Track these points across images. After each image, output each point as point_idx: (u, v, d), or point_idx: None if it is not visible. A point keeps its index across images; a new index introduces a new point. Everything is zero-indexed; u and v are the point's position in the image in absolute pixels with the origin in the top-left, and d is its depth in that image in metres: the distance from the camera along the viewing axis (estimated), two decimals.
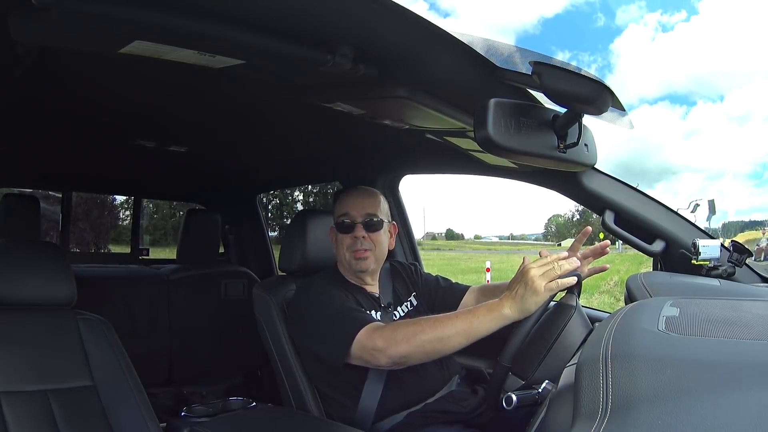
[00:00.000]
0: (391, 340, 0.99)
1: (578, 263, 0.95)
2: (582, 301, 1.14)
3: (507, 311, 0.93)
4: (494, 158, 1.19)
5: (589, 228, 1.10)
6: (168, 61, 0.81)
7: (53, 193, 2.63)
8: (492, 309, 0.94)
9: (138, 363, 1.20)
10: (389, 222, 1.25)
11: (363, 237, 1.18)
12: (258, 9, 0.69)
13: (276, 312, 1.24)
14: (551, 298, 0.93)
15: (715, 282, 1.04)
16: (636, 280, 1.02)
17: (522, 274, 0.94)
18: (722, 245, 1.10)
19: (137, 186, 2.41)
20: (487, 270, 10.87)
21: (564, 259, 0.95)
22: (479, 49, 0.81)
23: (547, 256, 0.95)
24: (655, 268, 1.21)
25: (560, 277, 0.92)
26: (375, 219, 1.20)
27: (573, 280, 0.93)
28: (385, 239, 1.23)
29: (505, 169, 1.31)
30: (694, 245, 1.10)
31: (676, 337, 0.53)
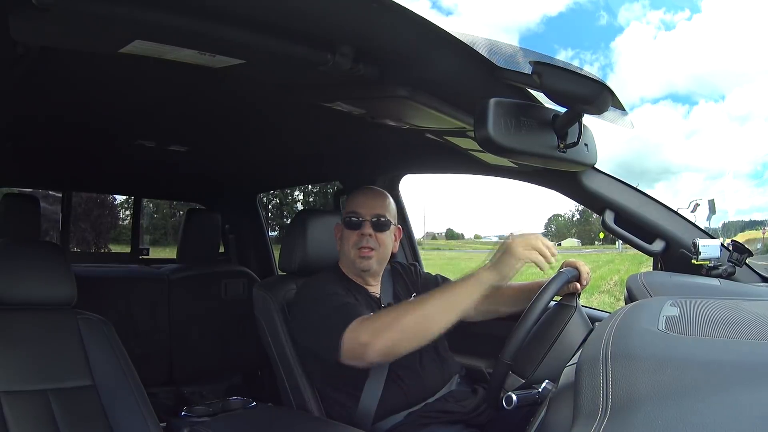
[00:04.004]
0: (374, 331, 0.98)
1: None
2: (582, 301, 1.14)
3: (484, 275, 0.96)
4: (494, 158, 1.19)
5: None
6: (168, 61, 0.81)
7: (53, 193, 2.63)
8: (469, 277, 0.97)
9: (138, 363, 1.20)
10: (395, 225, 1.25)
11: (369, 235, 1.19)
12: (258, 9, 0.69)
13: (276, 312, 1.23)
14: (513, 273, 0.95)
15: (715, 282, 1.04)
16: (636, 279, 1.01)
17: (503, 244, 0.98)
18: (722, 245, 1.10)
19: (137, 186, 2.41)
20: None
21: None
22: (480, 49, 0.81)
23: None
24: (655, 268, 1.20)
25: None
26: (383, 219, 1.20)
27: (552, 260, 0.96)
28: (390, 241, 1.23)
29: (505, 169, 1.31)
30: (694, 245, 1.09)
31: (676, 336, 0.53)
